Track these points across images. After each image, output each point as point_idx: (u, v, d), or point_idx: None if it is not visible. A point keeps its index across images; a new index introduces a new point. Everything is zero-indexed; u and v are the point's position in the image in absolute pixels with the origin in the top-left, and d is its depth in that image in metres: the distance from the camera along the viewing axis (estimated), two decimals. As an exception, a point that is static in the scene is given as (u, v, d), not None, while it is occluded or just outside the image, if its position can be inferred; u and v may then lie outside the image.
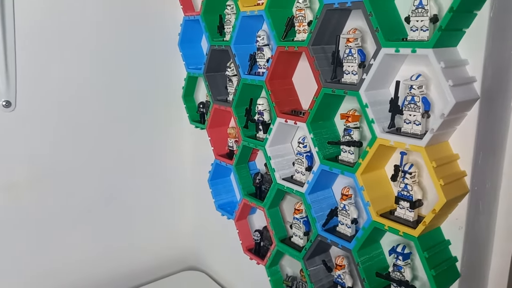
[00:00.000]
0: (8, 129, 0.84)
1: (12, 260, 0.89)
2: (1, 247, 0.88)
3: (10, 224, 0.88)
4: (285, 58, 0.71)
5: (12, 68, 0.81)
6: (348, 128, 0.63)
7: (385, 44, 0.53)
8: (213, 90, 0.90)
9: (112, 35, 0.93)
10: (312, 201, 0.69)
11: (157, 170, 1.06)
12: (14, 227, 0.88)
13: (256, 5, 0.75)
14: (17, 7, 0.80)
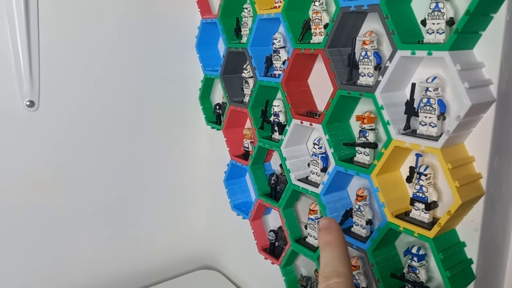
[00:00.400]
0: (30, 128, 0.87)
1: (28, 258, 0.92)
2: (17, 245, 0.90)
3: (27, 222, 0.90)
4: (301, 60, 0.72)
5: (36, 69, 0.84)
6: (364, 130, 0.63)
7: (401, 46, 0.53)
8: (230, 91, 0.91)
9: (131, 38, 0.95)
10: (327, 202, 0.69)
11: (173, 170, 1.08)
12: (32, 225, 0.91)
13: (272, 8, 0.76)
14: (41, 11, 0.82)
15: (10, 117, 0.84)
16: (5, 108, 0.83)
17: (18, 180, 0.88)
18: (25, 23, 0.80)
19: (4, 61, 0.81)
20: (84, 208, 0.97)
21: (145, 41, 0.97)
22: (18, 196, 0.88)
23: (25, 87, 0.83)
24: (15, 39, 0.80)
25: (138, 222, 1.05)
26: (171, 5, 0.99)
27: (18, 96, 0.84)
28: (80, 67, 0.90)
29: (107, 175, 0.98)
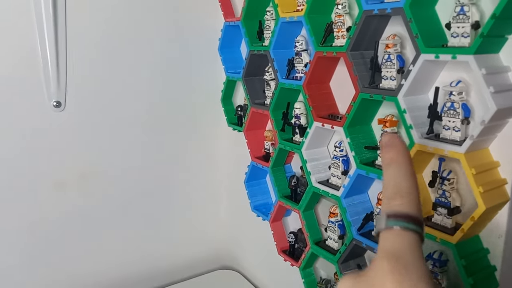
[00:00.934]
0: (57, 128, 0.89)
1: (55, 256, 0.95)
2: (46, 243, 0.93)
3: (56, 221, 0.93)
4: (323, 63, 0.72)
5: (63, 71, 0.87)
6: (386, 133, 0.63)
7: (425, 50, 0.53)
8: (251, 93, 0.92)
9: (156, 41, 0.97)
10: (347, 205, 0.69)
11: (195, 170, 1.09)
12: (60, 224, 0.94)
13: (295, 11, 0.76)
14: (69, 14, 0.85)
15: (37, 117, 0.87)
16: (33, 108, 0.86)
17: (45, 178, 0.91)
18: (53, 27, 0.83)
19: (32, 64, 0.84)
20: (107, 207, 0.99)
21: (170, 43, 0.99)
22: (44, 195, 0.91)
23: (52, 88, 0.86)
24: (44, 42, 0.83)
25: (159, 222, 1.07)
26: (196, 8, 1.00)
27: (46, 96, 0.87)
28: (106, 68, 0.92)
29: (130, 175, 1.01)
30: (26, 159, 0.87)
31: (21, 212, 0.89)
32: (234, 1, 0.99)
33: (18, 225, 0.90)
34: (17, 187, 0.88)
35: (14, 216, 0.89)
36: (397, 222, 0.34)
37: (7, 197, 0.87)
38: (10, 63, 0.82)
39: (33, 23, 0.82)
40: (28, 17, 0.81)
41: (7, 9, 0.80)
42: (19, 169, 0.87)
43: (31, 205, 0.90)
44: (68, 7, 0.85)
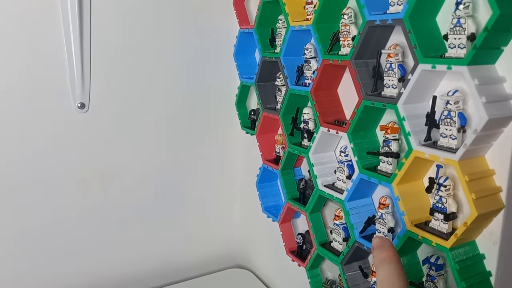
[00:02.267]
0: (81, 129, 0.95)
1: (74, 253, 1.01)
2: (68, 239, 0.99)
3: (77, 218, 0.99)
4: (330, 70, 0.75)
5: (87, 74, 0.92)
6: (387, 140, 0.65)
7: (422, 60, 0.55)
8: (263, 98, 0.95)
9: (175, 46, 1.02)
10: (350, 208, 0.72)
11: (209, 171, 1.13)
12: (81, 221, 1.00)
13: (304, 20, 0.79)
14: (94, 20, 0.90)
15: (62, 118, 0.93)
16: (58, 110, 0.92)
17: (68, 177, 0.97)
18: (79, 32, 0.89)
19: (58, 67, 0.89)
20: (126, 206, 1.04)
21: (188, 48, 1.03)
22: (67, 192, 0.97)
23: (77, 90, 0.92)
24: (70, 46, 0.89)
25: (175, 221, 1.12)
26: (213, 15, 1.04)
27: (70, 98, 0.92)
28: (128, 72, 0.97)
29: (148, 175, 1.06)
30: (50, 158, 0.93)
31: (45, 209, 0.95)
32: (249, 9, 1.03)
33: (41, 221, 0.96)
34: (42, 185, 0.94)
35: (37, 213, 0.95)
36: None
37: (32, 194, 0.94)
38: (37, 66, 0.88)
39: (60, 28, 0.87)
40: (55, 22, 0.87)
41: (35, 13, 0.85)
42: (44, 168, 0.93)
43: (54, 203, 0.96)
44: (93, 12, 0.90)
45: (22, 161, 0.91)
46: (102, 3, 0.90)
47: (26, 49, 0.86)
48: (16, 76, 0.87)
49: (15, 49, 0.86)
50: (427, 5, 0.56)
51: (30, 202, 0.94)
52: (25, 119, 0.89)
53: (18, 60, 0.86)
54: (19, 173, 0.91)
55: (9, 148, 0.89)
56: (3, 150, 0.89)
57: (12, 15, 0.84)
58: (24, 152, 0.91)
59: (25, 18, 0.85)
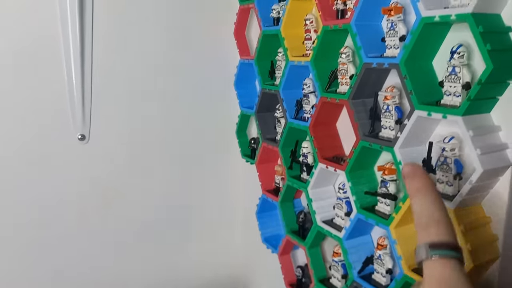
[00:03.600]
0: (81, 159, 0.96)
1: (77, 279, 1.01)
2: (69, 267, 1.00)
3: (77, 247, 1.00)
4: (328, 107, 0.75)
5: (88, 105, 0.93)
6: (385, 181, 0.65)
7: (418, 107, 0.55)
8: (263, 129, 0.96)
9: (176, 76, 1.03)
10: (349, 247, 0.71)
11: (211, 198, 1.14)
12: (81, 249, 1.00)
13: (303, 56, 0.80)
14: (95, 55, 0.92)
15: (63, 148, 0.94)
16: (59, 141, 0.93)
17: (69, 206, 0.97)
18: (80, 64, 0.90)
19: (60, 100, 0.91)
20: (126, 234, 1.05)
21: (189, 76, 1.04)
22: (69, 221, 0.98)
23: (78, 122, 0.93)
24: (71, 81, 0.90)
25: (176, 248, 1.12)
26: (213, 45, 1.05)
27: (72, 130, 0.93)
28: (128, 103, 0.98)
29: (150, 201, 1.06)
30: (51, 188, 0.94)
31: (46, 237, 0.96)
32: (249, 38, 1.04)
33: (42, 249, 0.96)
34: (43, 214, 0.95)
35: (38, 242, 0.95)
36: (437, 251, 0.37)
37: (32, 224, 0.94)
38: (39, 99, 0.89)
39: (62, 60, 0.89)
40: (56, 55, 0.88)
41: (37, 46, 0.87)
42: (45, 198, 0.94)
43: (55, 232, 0.97)
44: (94, 44, 0.91)
45: (23, 192, 0.92)
46: (103, 35, 0.92)
47: (28, 81, 0.88)
48: (18, 108, 0.88)
49: (18, 81, 0.87)
50: (423, 50, 0.57)
51: (30, 231, 0.94)
52: (26, 150, 0.90)
53: (20, 92, 0.88)
54: (20, 204, 0.92)
55: (11, 179, 0.90)
56: (5, 180, 0.90)
57: (15, 47, 0.86)
58: (25, 183, 0.92)
59: (28, 50, 0.87)
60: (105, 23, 0.92)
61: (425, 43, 0.55)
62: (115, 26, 0.93)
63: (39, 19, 0.86)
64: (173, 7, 0.99)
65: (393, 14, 0.59)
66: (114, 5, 0.92)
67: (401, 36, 0.59)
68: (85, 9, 0.88)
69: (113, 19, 0.93)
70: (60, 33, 0.87)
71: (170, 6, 0.99)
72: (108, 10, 0.91)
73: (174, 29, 1.00)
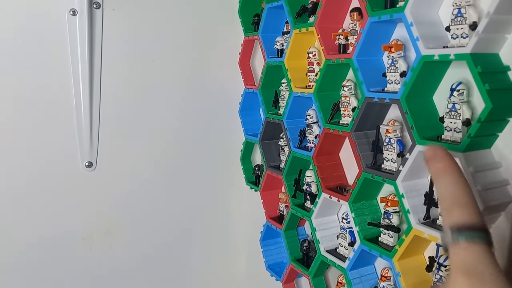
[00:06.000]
0: (88, 187, 0.97)
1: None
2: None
3: (81, 275, 1.00)
4: (331, 138, 0.76)
5: (95, 135, 0.95)
6: (388, 212, 0.66)
7: (419, 142, 0.56)
8: (267, 156, 0.97)
9: (182, 104, 1.04)
10: (353, 278, 0.71)
11: (215, 225, 1.14)
12: (84, 278, 1.00)
13: (306, 87, 0.82)
14: (104, 85, 0.94)
15: (70, 176, 0.95)
16: (66, 168, 0.94)
17: (75, 233, 0.98)
18: (89, 92, 0.92)
19: (68, 129, 0.92)
20: (130, 262, 1.05)
21: (194, 103, 1.06)
22: (74, 248, 0.98)
23: (85, 149, 0.94)
24: (80, 110, 0.92)
25: (179, 274, 1.12)
26: (220, 72, 1.07)
27: (79, 157, 0.95)
28: (136, 132, 1.00)
29: (154, 232, 1.06)
30: (57, 214, 0.95)
31: (50, 264, 0.96)
32: (254, 67, 1.06)
33: (47, 276, 0.96)
34: (49, 241, 0.95)
35: (43, 268, 0.96)
36: (462, 234, 0.34)
37: (38, 250, 0.95)
38: (47, 127, 0.91)
39: (70, 88, 0.91)
40: (65, 82, 0.90)
41: (46, 73, 0.89)
42: (50, 225, 0.95)
43: (61, 258, 0.97)
44: (103, 73, 0.93)
45: (29, 218, 0.93)
46: (111, 64, 0.94)
47: (36, 109, 0.89)
48: (25, 135, 0.90)
49: (26, 108, 0.89)
50: (423, 86, 0.58)
51: (36, 256, 0.95)
52: (33, 177, 0.92)
53: (28, 119, 0.89)
54: (26, 230, 0.93)
55: (17, 205, 0.91)
56: (11, 207, 0.91)
57: (23, 74, 0.87)
58: (31, 209, 0.93)
59: (36, 77, 0.88)
60: (114, 52, 0.94)
61: (425, 80, 0.57)
62: (124, 56, 0.96)
63: (49, 47, 0.88)
64: (179, 38, 1.01)
65: (394, 51, 0.61)
66: (122, 33, 0.95)
67: (402, 72, 0.61)
68: (94, 38, 0.91)
69: (122, 48, 0.95)
70: (69, 59, 0.89)
71: (177, 37, 1.01)
72: (117, 38, 0.94)
73: (181, 59, 1.02)
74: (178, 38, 1.01)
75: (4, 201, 0.90)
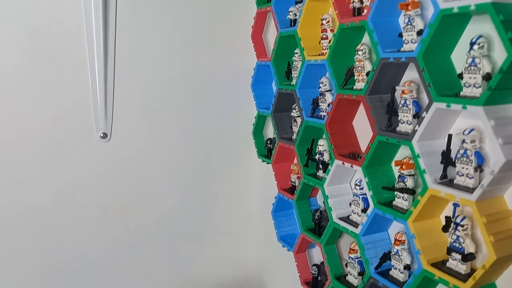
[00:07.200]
0: (103, 158, 0.97)
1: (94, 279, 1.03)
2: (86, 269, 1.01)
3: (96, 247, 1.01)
4: (345, 104, 0.75)
5: (110, 105, 0.95)
6: (402, 175, 0.65)
7: (437, 99, 0.55)
8: (279, 128, 0.96)
9: (195, 78, 1.04)
10: (366, 243, 0.71)
11: (226, 198, 1.14)
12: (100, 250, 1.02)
13: (319, 55, 0.80)
14: (118, 56, 0.94)
15: (86, 147, 0.95)
16: (82, 139, 0.95)
17: (91, 205, 0.99)
18: (103, 63, 0.92)
19: (84, 100, 0.93)
20: (145, 234, 1.06)
21: (207, 78, 1.05)
22: (90, 220, 0.99)
23: (100, 121, 0.95)
24: (94, 82, 0.92)
25: (192, 246, 1.12)
26: (233, 47, 1.06)
27: (94, 128, 0.95)
28: (149, 104, 1.00)
29: (168, 204, 1.07)
30: (72, 186, 0.96)
31: (66, 237, 0.97)
32: (266, 41, 1.05)
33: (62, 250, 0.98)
34: (64, 213, 0.96)
35: (59, 241, 0.97)
36: None
37: (54, 221, 0.96)
38: (62, 97, 0.91)
39: (85, 60, 0.91)
40: (81, 55, 0.90)
41: (61, 46, 0.89)
42: (66, 195, 0.96)
43: (76, 231, 0.98)
44: (117, 44, 0.93)
45: (45, 189, 0.94)
46: (126, 37, 0.94)
47: (52, 80, 0.90)
48: (41, 106, 0.90)
49: (42, 80, 0.89)
50: (441, 43, 0.57)
51: (50, 229, 0.96)
52: (48, 148, 0.92)
53: (44, 90, 0.90)
54: (43, 202, 0.94)
55: (32, 176, 0.92)
56: (26, 178, 0.92)
57: (40, 48, 0.88)
58: (46, 182, 0.93)
59: (52, 51, 0.89)
60: (128, 24, 0.94)
61: (443, 36, 0.56)
62: (138, 28, 0.96)
63: (64, 19, 0.88)
64: (193, 12, 1.01)
65: (411, 9, 0.60)
66: (137, 6, 0.94)
67: (419, 31, 0.59)
68: (109, 11, 0.90)
69: (135, 20, 0.95)
70: (84, 32, 0.89)
71: (191, 11, 1.00)
72: (130, 12, 0.94)
73: (194, 32, 1.02)
74: (192, 12, 1.01)
75: (20, 170, 0.91)
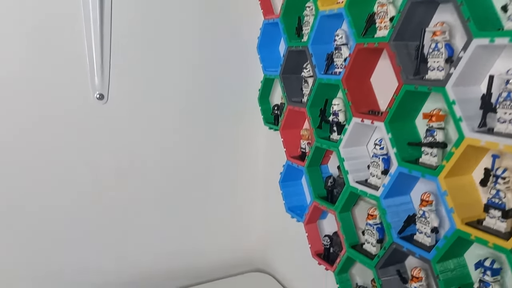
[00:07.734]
0: (99, 120, 0.91)
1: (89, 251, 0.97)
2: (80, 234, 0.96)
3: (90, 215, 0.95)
4: (364, 56, 0.69)
5: (106, 65, 0.89)
6: (431, 129, 0.59)
7: (478, 34, 0.49)
8: (288, 91, 0.90)
9: (196, 40, 0.97)
10: (387, 206, 0.65)
11: (230, 169, 1.08)
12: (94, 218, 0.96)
13: (335, 4, 0.74)
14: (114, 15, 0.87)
15: (82, 108, 0.89)
16: (78, 100, 0.88)
17: (86, 168, 0.92)
18: (99, 23, 0.85)
19: (79, 60, 0.86)
20: (142, 202, 1.00)
21: (210, 41, 0.98)
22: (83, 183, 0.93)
23: (96, 81, 0.88)
24: (90, 41, 0.85)
25: (194, 220, 1.07)
26: (235, 6, 0.99)
27: (90, 89, 0.89)
28: (146, 65, 0.93)
29: (167, 171, 1.01)
30: (68, 148, 0.90)
31: (60, 202, 0.92)
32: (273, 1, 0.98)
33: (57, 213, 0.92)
34: (58, 177, 0.90)
35: (53, 206, 0.91)
36: None
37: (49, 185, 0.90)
38: (57, 57, 0.85)
39: (81, 20, 0.84)
40: (76, 14, 0.84)
41: (56, 7, 0.83)
42: (62, 160, 0.90)
43: (70, 194, 0.92)
44: (114, 4, 0.86)
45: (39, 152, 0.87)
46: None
47: (46, 40, 0.83)
48: (36, 67, 0.84)
49: (36, 41, 0.83)
50: (481, -26, 0.50)
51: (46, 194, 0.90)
52: (44, 109, 0.86)
53: (38, 51, 0.83)
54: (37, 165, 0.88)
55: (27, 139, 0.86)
56: (20, 141, 0.86)
57: (34, 10, 0.81)
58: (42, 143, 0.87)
59: (47, 11, 0.82)
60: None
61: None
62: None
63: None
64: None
65: None
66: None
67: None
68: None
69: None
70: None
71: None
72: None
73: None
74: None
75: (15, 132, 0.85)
